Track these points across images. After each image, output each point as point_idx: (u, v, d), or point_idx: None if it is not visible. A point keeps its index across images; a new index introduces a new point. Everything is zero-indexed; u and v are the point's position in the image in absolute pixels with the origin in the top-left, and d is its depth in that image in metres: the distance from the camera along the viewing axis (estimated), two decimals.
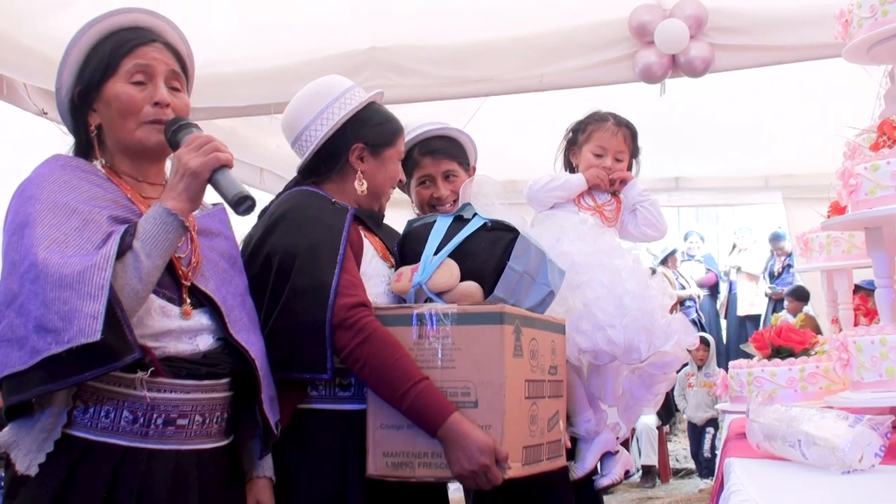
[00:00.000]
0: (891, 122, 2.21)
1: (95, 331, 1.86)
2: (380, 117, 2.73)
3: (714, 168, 8.08)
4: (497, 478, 2.24)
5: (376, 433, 2.38)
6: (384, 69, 4.60)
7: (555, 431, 2.54)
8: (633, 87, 4.77)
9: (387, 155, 2.70)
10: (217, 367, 2.17)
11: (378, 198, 2.72)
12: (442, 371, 2.32)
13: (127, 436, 2.03)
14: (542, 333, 2.47)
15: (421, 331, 2.35)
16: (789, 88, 6.07)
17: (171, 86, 2.24)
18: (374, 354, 2.34)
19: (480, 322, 2.29)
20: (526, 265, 2.51)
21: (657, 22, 4.36)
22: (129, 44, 2.21)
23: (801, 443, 1.89)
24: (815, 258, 3.09)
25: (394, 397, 2.33)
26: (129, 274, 1.96)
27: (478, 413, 2.27)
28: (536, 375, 2.41)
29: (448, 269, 2.46)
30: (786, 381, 2.60)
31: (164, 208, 2.02)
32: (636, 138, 3.21)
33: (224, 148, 2.09)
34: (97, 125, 2.22)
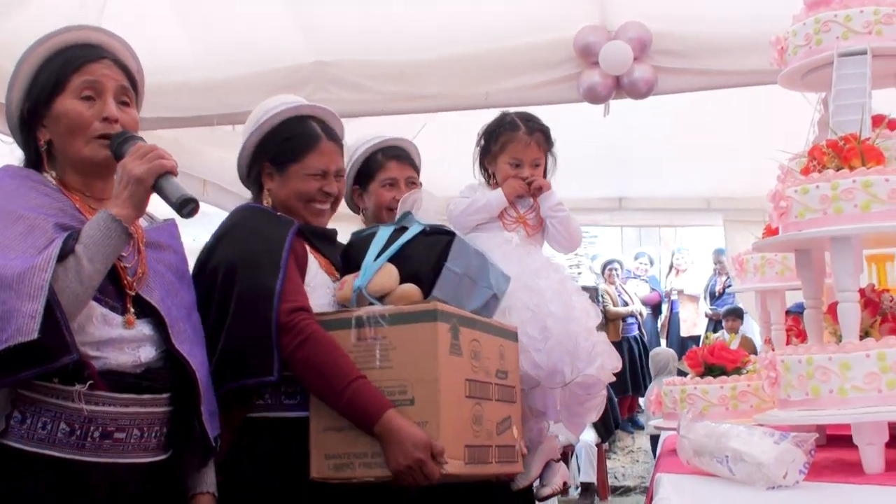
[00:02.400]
0: (820, 147, 2.26)
1: (32, 330, 1.88)
2: (290, 132, 2.74)
3: (657, 189, 8.18)
4: (433, 473, 2.24)
5: (318, 436, 2.41)
6: (329, 83, 4.59)
7: (506, 436, 2.54)
8: (578, 108, 4.81)
9: (291, 171, 2.71)
10: (157, 382, 2.17)
11: (293, 212, 2.71)
12: (380, 371, 2.35)
13: (63, 448, 2.03)
14: (486, 336, 2.49)
15: (360, 333, 2.39)
16: (731, 112, 6.16)
17: (120, 101, 2.26)
18: (312, 356, 2.37)
19: (414, 320, 2.33)
20: (465, 268, 2.51)
21: (602, 43, 4.41)
22: (78, 60, 2.23)
23: (729, 459, 1.92)
24: (749, 279, 3.14)
25: (331, 397, 2.36)
26: (70, 277, 1.97)
27: (414, 410, 2.29)
28: (480, 377, 2.43)
29: (387, 273, 2.47)
30: (717, 398, 2.65)
31: (108, 214, 2.04)
32: (549, 137, 3.17)
33: (168, 156, 2.12)
34: (47, 140, 2.24)
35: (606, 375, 2.92)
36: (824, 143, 2.27)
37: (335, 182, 2.76)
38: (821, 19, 2.53)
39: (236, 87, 4.66)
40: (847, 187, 2.09)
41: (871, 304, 2.47)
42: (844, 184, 2.09)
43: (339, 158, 2.79)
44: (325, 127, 2.79)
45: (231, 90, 4.67)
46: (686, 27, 4.46)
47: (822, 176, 2.14)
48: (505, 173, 3.10)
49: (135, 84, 2.34)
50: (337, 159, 2.77)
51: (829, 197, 2.10)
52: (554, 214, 3.08)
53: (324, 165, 2.72)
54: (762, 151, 5.02)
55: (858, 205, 2.09)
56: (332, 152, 2.76)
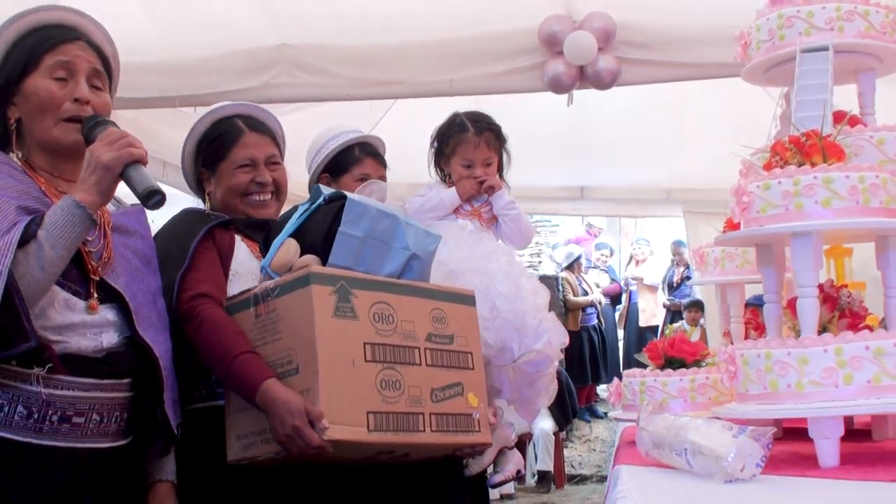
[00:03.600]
0: (783, 143, 2.27)
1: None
2: (215, 133, 2.79)
3: (618, 179, 8.22)
4: (311, 439, 2.17)
5: (230, 418, 2.39)
6: (293, 67, 4.57)
7: (454, 403, 2.46)
8: (542, 97, 4.83)
9: (221, 169, 2.76)
10: (119, 367, 2.15)
11: (232, 210, 2.73)
12: (272, 344, 2.32)
13: (20, 431, 2.01)
14: (404, 299, 2.42)
15: (257, 310, 2.36)
16: (693, 104, 6.22)
17: (93, 84, 2.23)
18: (205, 337, 2.37)
19: (293, 288, 2.29)
20: (368, 230, 2.43)
21: (567, 33, 4.42)
22: (52, 40, 2.21)
23: (688, 451, 1.93)
24: (709, 272, 3.16)
25: (221, 375, 2.37)
26: (31, 263, 1.95)
27: (298, 378, 2.25)
28: (392, 340, 2.36)
29: (286, 248, 2.42)
30: (676, 390, 2.66)
31: (73, 200, 2.01)
32: (500, 135, 3.18)
33: (138, 144, 2.10)
34: (16, 119, 2.21)
35: (554, 351, 2.92)
36: (786, 139, 2.28)
37: (268, 170, 2.76)
38: (784, 14, 2.55)
39: (199, 68, 4.63)
40: (808, 183, 2.10)
41: (829, 300, 2.50)
42: (805, 180, 2.10)
43: (267, 147, 2.79)
44: (250, 121, 2.81)
45: (194, 72, 4.62)
46: (650, 18, 4.48)
47: (783, 172, 2.15)
48: (458, 174, 3.14)
49: (108, 68, 2.32)
50: (265, 148, 2.78)
51: (790, 192, 2.12)
52: (506, 213, 3.13)
53: (249, 155, 2.74)
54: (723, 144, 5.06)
55: (819, 201, 2.10)
56: (258, 142, 2.77)
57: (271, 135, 2.83)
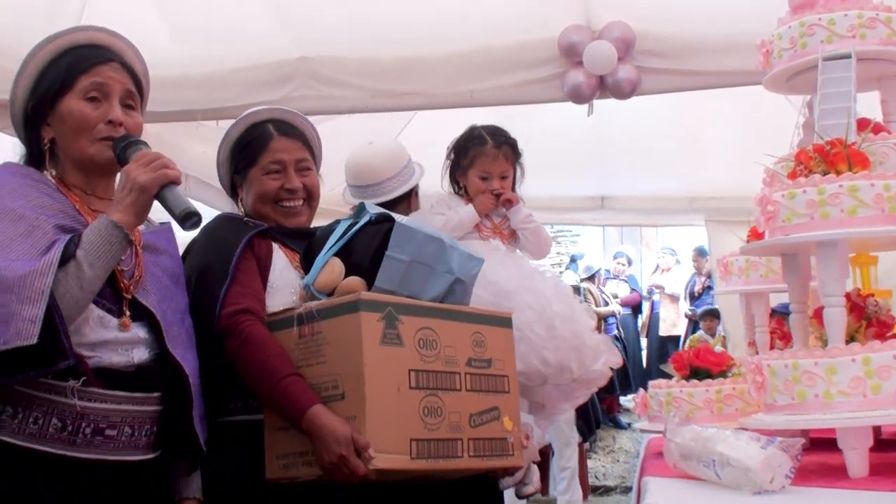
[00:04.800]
0: (807, 151, 2.26)
1: (32, 335, 1.89)
2: (247, 139, 2.77)
3: (639, 188, 8.17)
4: (357, 468, 2.18)
5: (270, 436, 2.39)
6: (312, 80, 4.57)
7: (491, 428, 2.46)
8: (562, 107, 4.81)
9: (251, 175, 2.74)
10: (149, 381, 2.18)
11: (264, 217, 2.71)
12: (316, 367, 2.32)
13: (54, 443, 2.04)
14: (447, 324, 2.42)
15: (300, 330, 2.36)
16: (714, 113, 6.19)
17: (126, 104, 2.27)
18: (248, 356, 2.37)
19: (340, 313, 2.29)
20: (414, 254, 2.42)
21: (586, 43, 4.41)
22: (87, 62, 2.24)
23: (716, 463, 1.92)
24: (733, 281, 3.14)
25: (264, 396, 2.36)
26: (71, 282, 1.99)
27: (345, 405, 2.25)
28: (435, 366, 2.36)
29: (330, 268, 2.43)
30: (702, 401, 2.64)
31: (109, 221, 2.05)
32: (517, 149, 3.25)
33: (172, 165, 2.13)
34: (50, 139, 2.25)
35: (608, 371, 2.99)
36: (810, 147, 2.27)
37: (299, 176, 2.73)
38: (805, 22, 2.54)
39: (220, 82, 4.64)
40: (833, 192, 2.09)
41: (856, 309, 2.48)
42: (831, 188, 2.10)
43: (297, 151, 2.75)
44: (281, 125, 2.78)
45: (215, 85, 4.64)
46: (670, 27, 4.46)
47: (808, 180, 2.14)
48: (475, 186, 3.18)
49: (140, 88, 2.35)
50: (295, 152, 2.74)
51: (815, 202, 2.11)
52: (525, 226, 3.17)
53: (277, 159, 2.70)
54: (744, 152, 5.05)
55: (845, 209, 2.09)
56: (288, 147, 2.73)
57: (303, 139, 2.79)
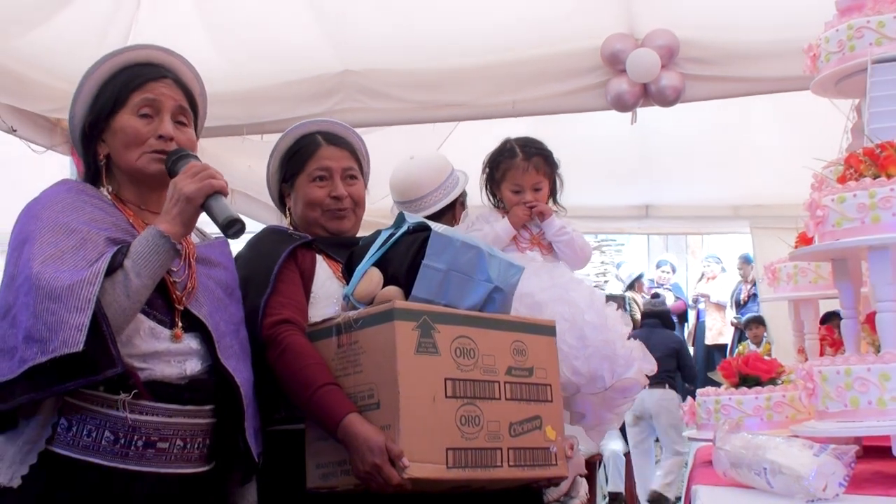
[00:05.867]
0: (857, 155, 2.23)
1: (78, 342, 1.91)
2: (296, 148, 2.82)
3: (684, 196, 8.13)
4: (391, 477, 2.17)
5: (311, 446, 2.40)
6: (356, 93, 4.61)
7: (532, 437, 2.43)
8: (605, 116, 4.80)
9: (298, 183, 2.78)
10: (201, 393, 2.19)
11: (312, 223, 2.75)
12: (354, 377, 2.32)
13: (107, 456, 2.06)
14: (486, 332, 2.41)
15: (339, 340, 2.37)
16: (759, 119, 6.14)
17: (178, 120, 2.30)
18: (287, 366, 2.38)
19: (376, 322, 2.29)
20: (450, 263, 2.42)
21: (629, 51, 4.40)
22: (140, 79, 2.28)
23: (767, 471, 1.90)
24: (782, 288, 3.11)
25: (303, 406, 2.37)
26: (118, 291, 2.01)
27: (380, 414, 2.25)
28: (471, 375, 2.34)
29: (369, 278, 2.43)
30: (752, 409, 2.61)
31: (157, 230, 2.07)
32: (550, 160, 3.21)
33: (219, 176, 2.16)
34: (105, 155, 2.29)
35: (643, 378, 2.96)
36: (860, 151, 2.24)
37: (345, 184, 2.76)
38: (854, 25, 2.51)
39: (265, 97, 4.70)
40: (885, 195, 2.06)
41: None
42: (882, 192, 2.07)
43: (344, 160, 2.79)
44: (329, 136, 2.82)
45: (260, 100, 4.70)
46: (714, 34, 4.44)
47: (859, 184, 2.12)
48: (509, 200, 3.19)
49: (194, 105, 2.39)
50: (342, 161, 2.78)
51: (866, 205, 2.08)
52: (558, 239, 3.16)
53: (324, 166, 2.75)
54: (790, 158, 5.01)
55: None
56: (335, 155, 2.78)
57: (350, 149, 2.83)
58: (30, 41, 4.06)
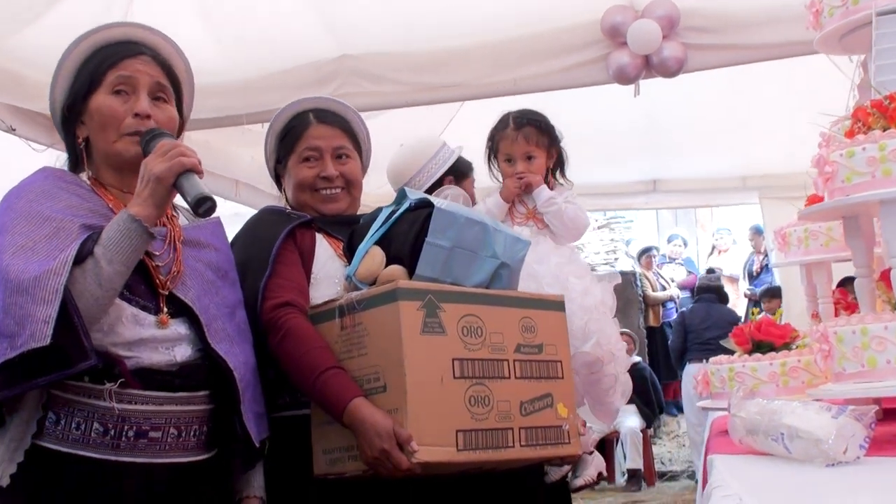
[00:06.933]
0: (865, 108, 2.18)
1: (45, 335, 1.86)
2: (288, 126, 2.76)
3: (691, 169, 8.09)
4: (400, 462, 2.12)
5: (317, 431, 2.35)
6: (356, 77, 4.58)
7: (543, 416, 2.38)
8: (608, 90, 4.75)
9: (290, 164, 2.73)
10: (193, 379, 2.14)
11: (304, 206, 2.70)
12: (358, 359, 2.27)
13: (98, 448, 2.01)
14: (494, 310, 2.35)
15: (342, 322, 2.31)
16: (764, 87, 6.07)
17: (156, 97, 2.24)
18: (289, 350, 2.33)
19: (380, 303, 2.23)
20: (455, 240, 2.36)
21: (629, 23, 4.35)
22: (115, 57, 2.22)
23: (784, 436, 1.85)
24: (793, 253, 3.06)
25: (307, 390, 2.32)
26: (89, 279, 1.95)
27: (386, 397, 2.19)
28: (479, 354, 2.29)
29: (371, 257, 2.37)
30: (767, 375, 2.57)
31: (128, 214, 2.01)
32: (546, 129, 3.16)
33: (190, 153, 2.07)
34: (84, 138, 2.23)
35: (604, 352, 2.88)
36: (868, 104, 2.19)
37: (337, 164, 2.70)
38: None
39: (263, 85, 4.67)
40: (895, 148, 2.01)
41: None
42: (892, 144, 2.01)
43: (335, 139, 2.71)
44: (320, 113, 2.75)
45: (258, 89, 4.66)
46: (714, 2, 4.39)
47: (868, 137, 2.06)
48: (504, 172, 3.18)
49: (176, 82, 2.32)
50: (332, 139, 2.70)
51: (876, 158, 2.02)
52: (546, 209, 3.10)
53: (313, 146, 2.68)
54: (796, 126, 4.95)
55: None
56: (325, 134, 2.71)
57: (343, 126, 2.75)
58: (24, 39, 4.03)
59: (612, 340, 2.93)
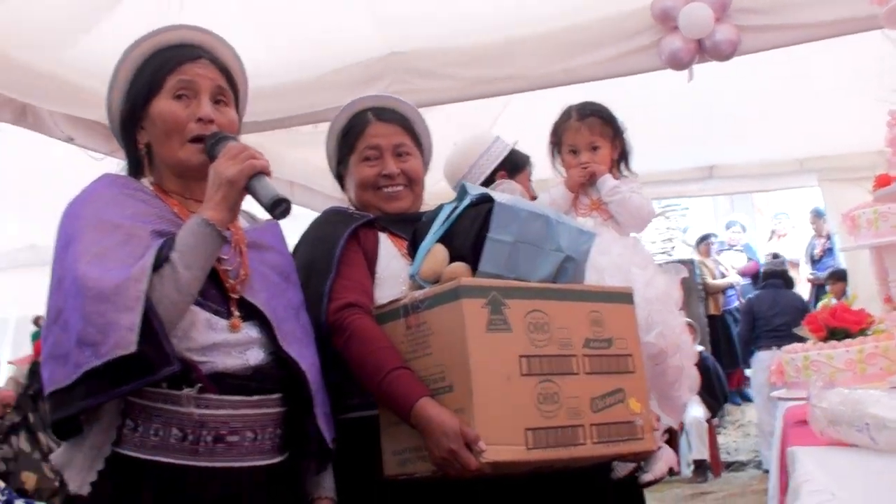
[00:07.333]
0: None
1: (131, 343, 1.86)
2: (348, 126, 2.76)
3: (748, 154, 7.96)
4: (468, 463, 2.07)
5: (386, 432, 2.33)
6: (406, 74, 4.57)
7: (615, 411, 2.32)
8: (661, 76, 4.68)
9: (351, 163, 2.72)
10: (266, 382, 2.13)
11: (367, 205, 2.69)
12: (424, 359, 2.23)
13: (177, 454, 2.01)
14: (561, 304, 2.30)
15: (407, 321, 2.28)
16: (820, 67, 5.94)
17: (217, 100, 2.23)
18: (355, 351, 2.31)
19: (443, 302, 2.19)
20: (518, 234, 2.31)
21: (680, 7, 4.27)
22: (173, 61, 2.22)
23: (870, 427, 1.79)
24: (863, 235, 2.98)
25: (374, 391, 2.29)
26: (167, 285, 1.95)
27: (453, 396, 2.15)
28: (547, 350, 2.23)
29: (433, 255, 2.33)
30: (844, 363, 2.50)
31: (201, 219, 2.00)
32: (609, 120, 3.14)
33: (259, 155, 2.07)
34: (146, 143, 2.23)
35: (669, 343, 2.82)
36: None
37: (398, 161, 2.69)
38: None
39: (314, 86, 4.68)
40: None
41: None
42: None
43: (395, 136, 2.70)
44: (379, 111, 2.74)
45: (309, 90, 4.68)
46: None
47: None
48: (567, 164, 3.15)
49: (234, 84, 2.31)
50: (392, 137, 2.70)
51: None
52: (610, 198, 3.07)
53: (373, 144, 2.68)
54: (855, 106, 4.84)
55: None
56: (384, 132, 2.70)
57: (402, 123, 2.74)
58: (80, 49, 4.07)
59: (676, 331, 2.88)
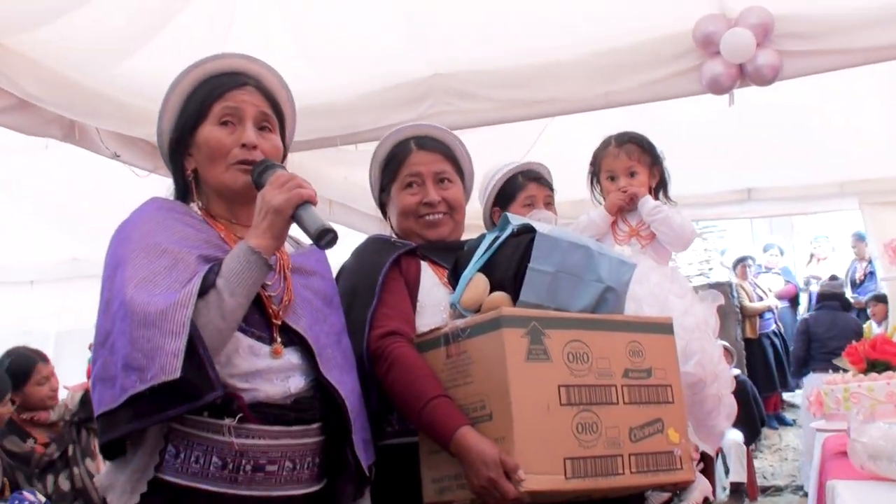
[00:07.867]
0: None
1: (175, 368, 1.89)
2: (391, 155, 2.80)
3: (787, 177, 7.90)
4: (507, 492, 2.09)
5: (426, 459, 2.35)
6: (448, 95, 4.59)
7: (654, 441, 2.34)
8: (701, 100, 4.68)
9: (393, 191, 2.76)
10: (307, 412, 2.16)
11: (409, 232, 2.73)
12: (464, 388, 2.26)
13: (216, 482, 2.03)
14: (600, 335, 2.32)
15: (448, 350, 2.31)
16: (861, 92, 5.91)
17: (261, 127, 2.27)
18: (396, 379, 2.34)
19: (484, 331, 2.22)
20: (558, 265, 2.33)
21: (722, 32, 4.28)
22: (220, 88, 2.26)
23: None
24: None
25: (414, 419, 2.31)
26: (212, 312, 1.98)
27: (493, 425, 2.18)
28: (586, 380, 2.25)
29: (475, 284, 2.36)
30: (885, 395, 2.49)
31: (247, 246, 2.04)
32: (647, 147, 3.17)
33: (307, 185, 2.10)
34: (193, 169, 2.28)
35: (707, 373, 2.82)
36: None
37: (438, 188, 2.72)
38: None
39: (357, 107, 4.72)
40: None
41: None
42: None
43: (436, 164, 2.74)
44: (421, 140, 2.78)
45: (352, 111, 4.72)
46: (810, 7, 4.29)
47: None
48: (606, 189, 3.18)
49: (279, 111, 2.35)
50: (433, 164, 2.74)
51: None
52: (653, 218, 3.08)
53: (414, 172, 2.72)
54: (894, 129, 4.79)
55: None
56: (425, 160, 2.74)
57: (444, 152, 2.78)
58: (127, 68, 4.14)
59: (714, 360, 2.88)
